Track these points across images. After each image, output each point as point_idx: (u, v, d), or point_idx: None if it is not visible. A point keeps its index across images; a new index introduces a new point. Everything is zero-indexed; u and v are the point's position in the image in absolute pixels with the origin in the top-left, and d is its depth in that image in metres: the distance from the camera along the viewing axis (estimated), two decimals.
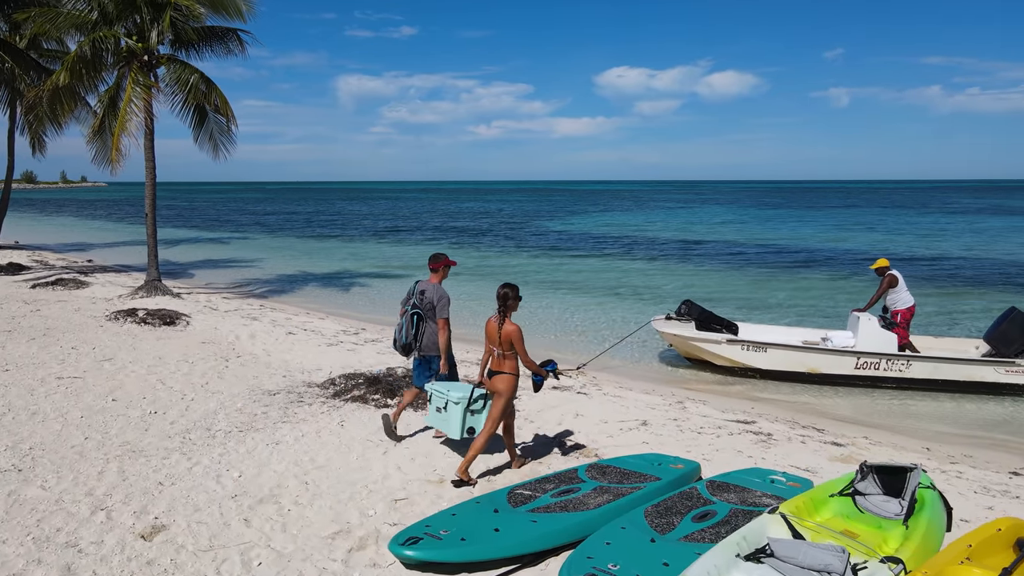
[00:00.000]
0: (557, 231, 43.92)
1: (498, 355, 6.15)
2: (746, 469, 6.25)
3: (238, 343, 12.00)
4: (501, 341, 6.08)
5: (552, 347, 13.69)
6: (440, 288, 7.08)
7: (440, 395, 6.55)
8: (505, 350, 6.11)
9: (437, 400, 6.59)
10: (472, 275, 24.02)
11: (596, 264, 27.06)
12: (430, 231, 43.98)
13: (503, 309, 6.08)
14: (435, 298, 6.98)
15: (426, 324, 7.06)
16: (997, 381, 10.35)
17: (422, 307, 7.04)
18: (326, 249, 33.73)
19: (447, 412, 6.44)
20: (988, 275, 23.03)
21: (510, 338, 6.02)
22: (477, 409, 6.38)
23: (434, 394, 6.64)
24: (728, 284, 21.60)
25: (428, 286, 7.09)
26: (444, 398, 6.49)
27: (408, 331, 7.07)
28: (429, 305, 7.01)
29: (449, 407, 6.41)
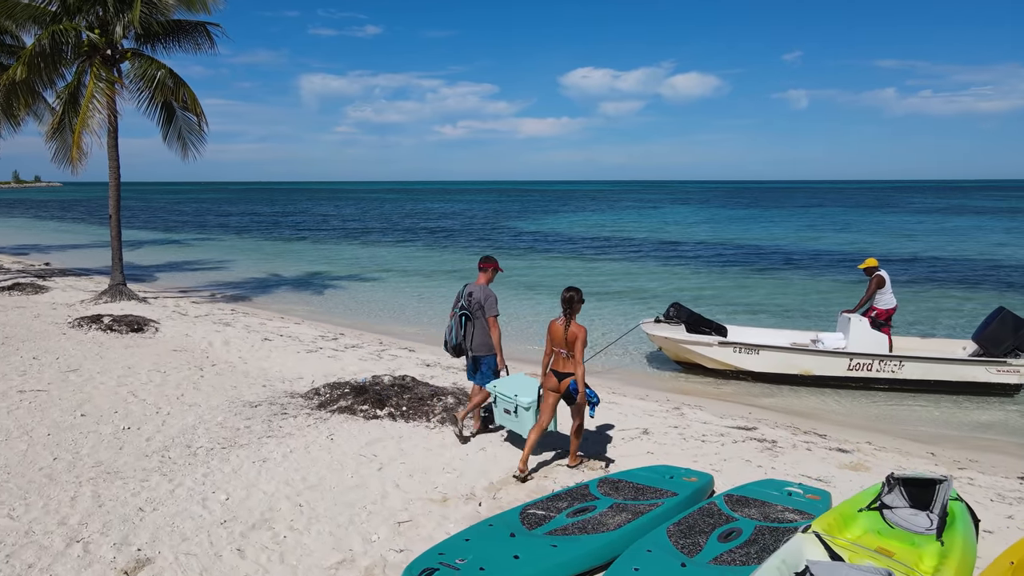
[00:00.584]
0: (531, 232, 43.66)
1: (564, 355, 6.26)
2: (761, 481, 6.01)
3: (212, 350, 11.46)
4: (568, 342, 6.20)
5: (539, 353, 13.40)
6: (487, 288, 7.29)
7: (508, 399, 6.84)
8: (571, 351, 6.22)
9: (505, 403, 6.88)
10: (451, 278, 23.63)
11: (575, 266, 26.84)
12: (401, 232, 43.38)
13: (569, 311, 6.22)
14: (483, 298, 7.22)
15: (474, 325, 7.28)
16: (988, 381, 10.34)
17: (470, 308, 7.26)
18: (296, 251, 32.99)
19: (518, 416, 6.78)
20: (964, 274, 23.36)
21: (575, 338, 6.16)
22: None
23: (499, 397, 6.93)
24: (708, 285, 21.54)
25: (476, 287, 7.30)
26: (513, 403, 6.78)
27: (457, 332, 7.33)
28: (477, 305, 7.23)
29: (519, 411, 6.74)
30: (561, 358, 6.30)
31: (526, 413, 6.68)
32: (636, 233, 42.31)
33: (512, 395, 6.80)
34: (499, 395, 6.94)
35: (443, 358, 11.72)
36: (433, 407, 8.32)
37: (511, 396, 6.81)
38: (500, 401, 6.95)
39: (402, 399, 8.50)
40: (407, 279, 23.14)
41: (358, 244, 36.07)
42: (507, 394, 6.86)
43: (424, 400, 8.52)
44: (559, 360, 6.32)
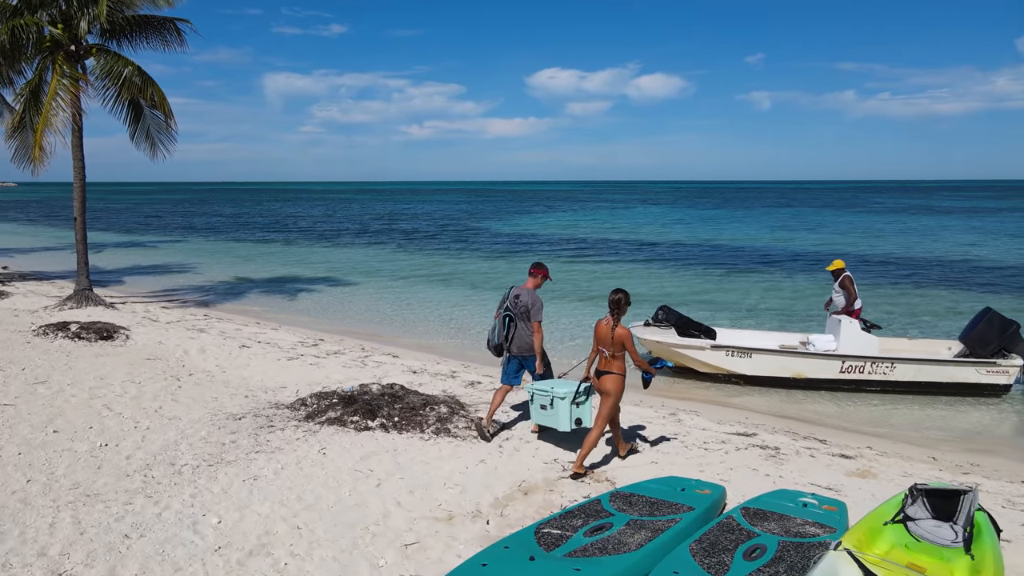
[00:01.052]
0: (508, 233, 43.38)
1: (607, 356, 6.45)
2: (774, 492, 5.85)
3: (188, 359, 11.00)
4: (613, 342, 6.38)
5: None
6: (535, 294, 7.52)
7: (544, 393, 7.06)
8: (616, 351, 6.41)
9: (541, 398, 7.10)
10: (429, 281, 23.27)
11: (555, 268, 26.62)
12: (374, 234, 42.77)
13: (616, 312, 6.46)
14: (530, 303, 7.44)
15: (517, 327, 7.51)
16: (978, 382, 10.37)
17: (515, 311, 7.51)
18: (266, 253, 32.29)
19: (554, 408, 6.99)
20: (938, 274, 23.69)
21: (622, 340, 6.36)
22: (582, 402, 6.98)
23: (536, 393, 7.17)
24: (688, 286, 21.52)
25: (523, 291, 7.54)
26: (549, 395, 7.00)
27: (500, 332, 7.60)
28: (523, 309, 7.46)
29: (556, 403, 6.95)
30: (603, 358, 6.52)
31: (561, 403, 6.93)
32: (612, 234, 42.29)
33: (548, 388, 7.09)
34: (536, 391, 7.20)
35: (430, 365, 11.42)
36: (426, 417, 8.03)
37: (547, 389, 7.08)
38: (537, 397, 7.19)
39: (393, 409, 8.19)
40: (384, 282, 22.73)
41: (330, 246, 35.47)
42: (543, 388, 7.15)
43: (416, 410, 8.22)
44: (603, 359, 6.54)
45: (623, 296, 6.48)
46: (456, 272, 25.15)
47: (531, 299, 7.45)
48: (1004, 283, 21.58)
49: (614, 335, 6.36)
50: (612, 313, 6.47)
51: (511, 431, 7.86)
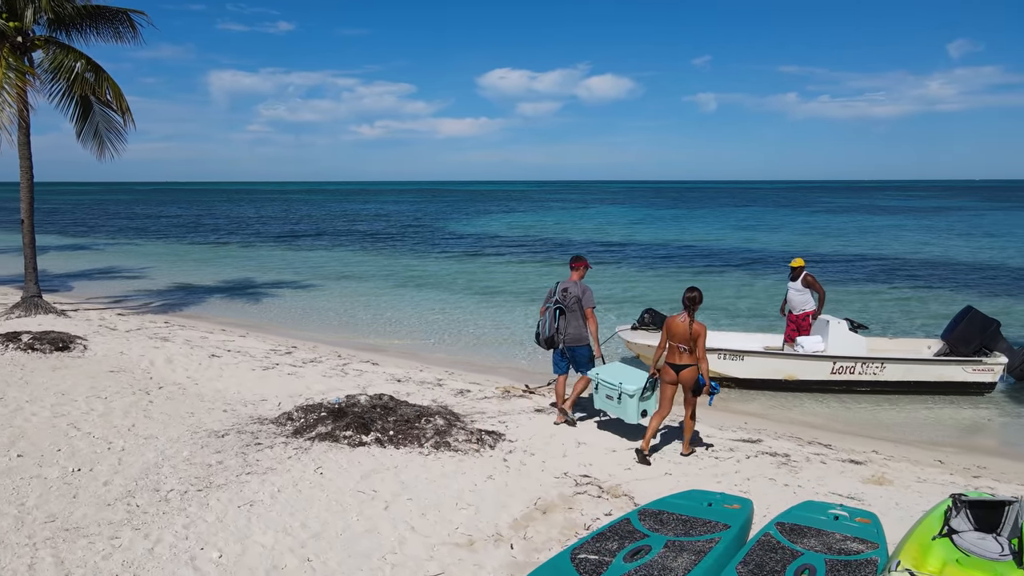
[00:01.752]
0: (473, 233, 42.88)
1: (683, 350, 6.95)
2: (802, 505, 5.63)
3: (155, 370, 10.34)
4: (691, 337, 6.87)
5: (509, 362, 12.83)
6: (583, 284, 7.98)
7: (612, 386, 7.50)
8: (691, 346, 6.90)
9: (608, 390, 7.56)
10: (396, 283, 22.72)
11: (527, 269, 26.29)
12: (334, 236, 41.78)
13: (692, 309, 6.92)
14: (580, 292, 7.89)
15: (568, 318, 7.90)
16: (965, 380, 10.45)
17: (565, 303, 7.91)
18: (223, 256, 31.20)
19: (621, 402, 7.43)
20: (905, 272, 24.14)
21: (698, 334, 6.86)
22: (648, 396, 7.47)
23: (602, 384, 7.62)
24: (660, 286, 21.44)
25: (570, 284, 7.99)
26: (617, 389, 7.44)
27: (551, 324, 7.94)
28: (574, 300, 7.88)
29: (623, 399, 7.40)
30: (678, 352, 6.99)
31: (630, 400, 7.36)
32: (577, 235, 42.19)
33: (617, 383, 7.49)
34: (602, 382, 7.61)
35: (414, 373, 10.99)
36: (423, 430, 7.63)
37: (615, 383, 7.49)
38: (603, 387, 7.62)
39: (387, 422, 7.76)
40: (351, 285, 22.10)
41: (291, 249, 34.48)
42: (611, 381, 7.54)
43: (411, 422, 7.81)
44: (675, 353, 7.01)
45: (698, 294, 6.97)
46: (425, 274, 24.65)
47: (580, 289, 7.92)
48: (965, 280, 22.11)
49: (692, 330, 6.86)
50: (688, 310, 6.95)
51: (512, 443, 7.52)
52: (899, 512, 5.85)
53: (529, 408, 8.95)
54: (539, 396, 9.80)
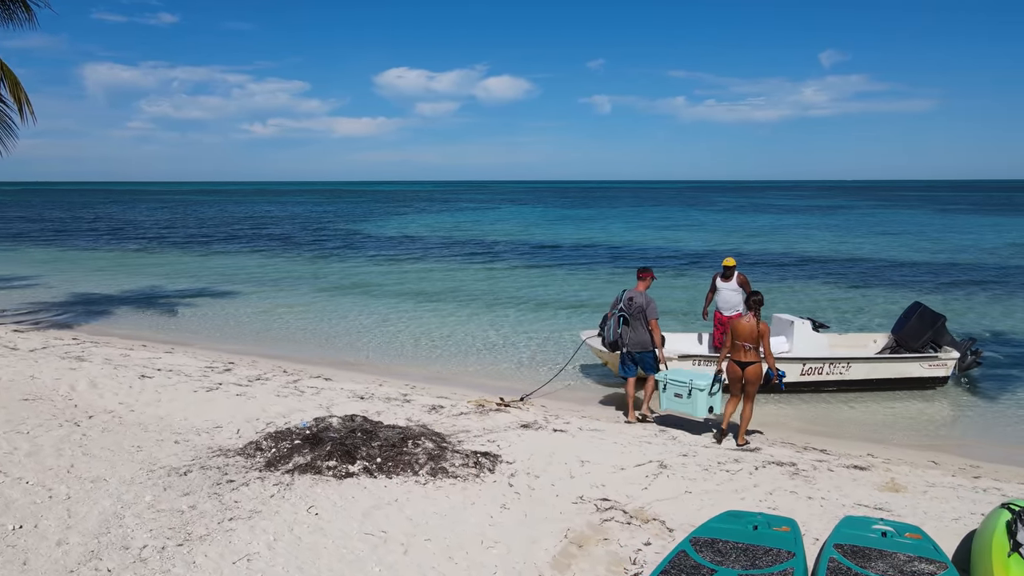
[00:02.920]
0: (392, 235, 41.51)
1: (749, 348, 7.75)
2: (846, 521, 5.37)
3: (78, 396, 9.11)
4: (759, 336, 7.71)
5: (468, 372, 12.22)
6: (646, 295, 8.68)
7: (681, 384, 8.14)
8: (756, 345, 7.73)
9: (676, 388, 8.18)
10: (326, 290, 21.53)
11: (461, 273, 25.57)
12: (244, 240, 39.42)
13: (757, 311, 7.81)
14: (644, 303, 8.60)
15: (632, 326, 8.59)
16: (921, 376, 10.73)
17: (630, 311, 8.61)
18: (121, 263, 28.75)
19: (691, 398, 8.05)
20: (825, 270, 25.11)
21: (764, 334, 7.71)
22: (715, 392, 8.12)
23: (669, 383, 8.25)
24: (599, 288, 21.30)
25: (636, 293, 8.69)
26: (687, 386, 8.09)
27: (615, 330, 8.68)
28: (638, 309, 8.59)
29: (693, 393, 8.02)
30: (743, 350, 7.79)
31: (700, 395, 8.01)
32: (500, 236, 41.57)
33: (687, 380, 8.12)
34: (670, 381, 8.24)
35: (374, 388, 10.22)
36: (414, 455, 6.95)
37: (685, 381, 8.12)
38: (671, 386, 8.23)
39: (372, 448, 7.04)
40: (272, 294, 20.74)
41: (197, 254, 32.24)
42: (680, 379, 8.17)
43: (398, 447, 7.12)
44: (741, 351, 7.81)
45: (761, 297, 7.94)
46: (353, 279, 23.51)
47: (645, 300, 8.61)
48: (885, 276, 23.20)
49: (759, 330, 7.68)
50: (754, 311, 7.78)
51: (511, 464, 6.97)
52: (933, 523, 5.73)
53: (514, 423, 8.42)
54: (516, 409, 9.29)
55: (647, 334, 8.64)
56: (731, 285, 10.76)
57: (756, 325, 7.70)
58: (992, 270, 24.90)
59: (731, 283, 10.77)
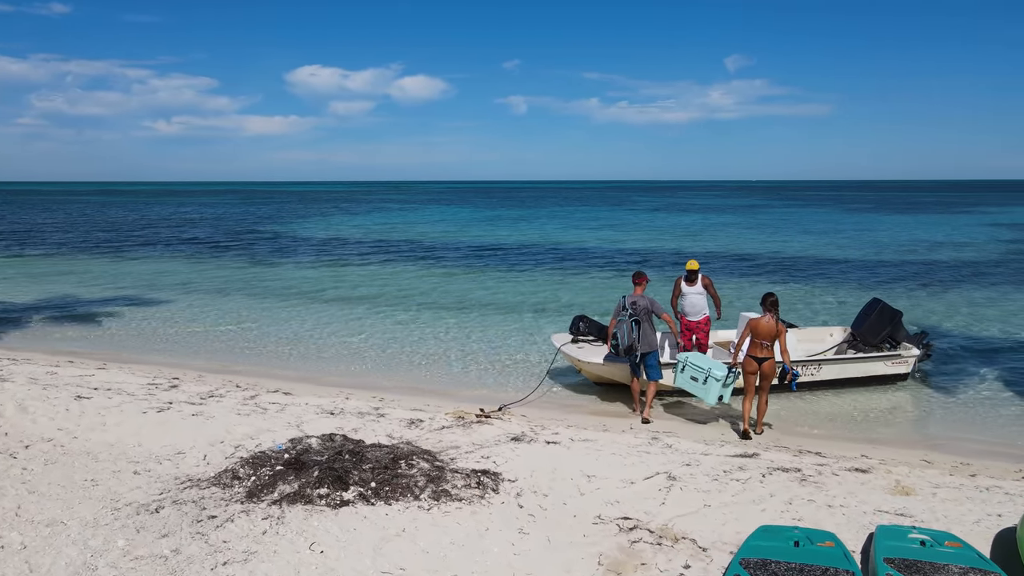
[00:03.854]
0: (320, 237, 39.88)
1: (765, 345, 8.42)
2: (884, 532, 5.25)
3: (6, 423, 8.12)
4: (777, 335, 8.37)
5: (433, 380, 11.68)
6: (647, 296, 9.21)
7: (700, 369, 8.69)
8: (773, 342, 8.41)
9: (694, 372, 8.74)
10: (262, 296, 20.39)
11: (401, 275, 24.76)
12: (162, 244, 36.92)
13: (775, 311, 8.42)
14: (648, 304, 9.10)
15: (643, 328, 9.00)
16: (885, 373, 10.94)
17: (638, 314, 9.00)
18: (23, 270, 26.41)
19: (706, 384, 8.62)
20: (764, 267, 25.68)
21: (781, 333, 8.37)
22: (729, 383, 8.65)
23: (688, 366, 8.82)
24: (546, 289, 21.05)
25: (638, 297, 9.15)
26: (705, 373, 8.63)
27: (630, 335, 8.98)
28: (645, 311, 9.05)
29: (709, 381, 8.59)
30: (761, 346, 8.43)
31: (715, 384, 8.58)
32: (433, 237, 40.74)
33: (706, 367, 8.65)
34: (690, 364, 8.82)
35: (341, 402, 9.58)
36: (412, 478, 6.44)
37: (704, 367, 8.66)
38: (689, 369, 8.80)
39: (363, 471, 6.48)
40: (203, 301, 19.48)
41: (111, 259, 29.94)
42: (700, 365, 8.73)
43: (390, 468, 6.59)
44: (758, 348, 8.44)
45: (776, 298, 8.49)
46: (289, 284, 22.38)
47: (648, 301, 9.12)
48: (822, 272, 23.93)
49: (778, 329, 8.33)
50: (772, 312, 8.38)
51: (514, 483, 6.55)
52: (957, 527, 5.68)
53: (503, 437, 8.00)
54: (498, 420, 8.86)
55: (654, 335, 9.16)
56: (696, 289, 10.52)
57: (776, 325, 8.34)
58: (917, 265, 26.15)
59: (696, 287, 10.53)
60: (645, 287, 9.40)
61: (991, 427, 9.36)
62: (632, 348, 8.98)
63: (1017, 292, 20.18)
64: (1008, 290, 20.51)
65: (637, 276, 9.49)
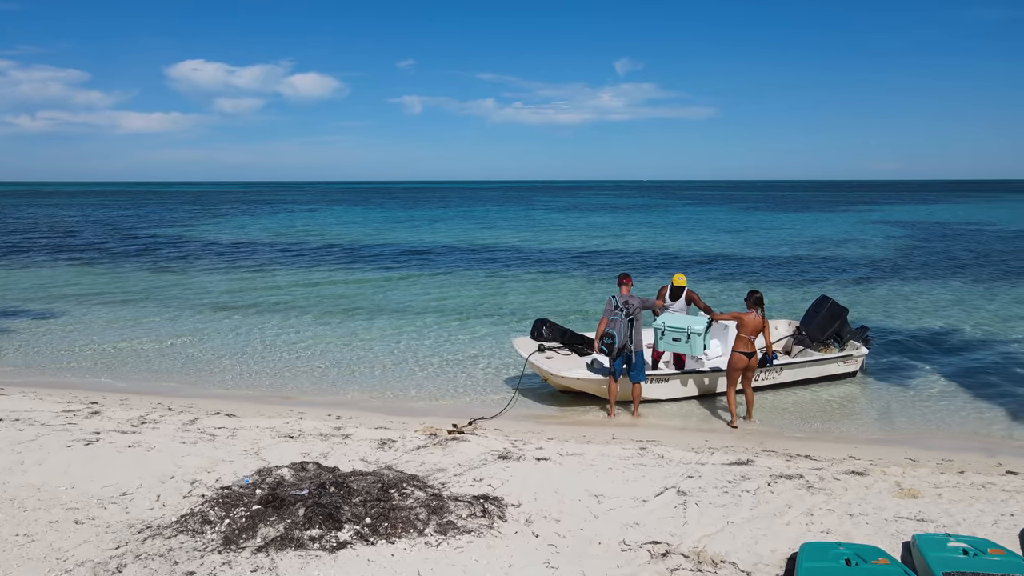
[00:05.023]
0: (226, 242, 37.10)
1: (751, 340, 8.84)
2: (926, 542, 5.06)
3: None
4: (761, 331, 8.94)
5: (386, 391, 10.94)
6: (634, 295, 9.29)
7: (680, 329, 9.18)
8: (757, 337, 8.94)
9: (675, 333, 9.21)
10: (174, 305, 18.78)
11: (322, 280, 23.52)
12: (44, 250, 33.47)
13: (760, 306, 8.89)
14: (639, 301, 9.18)
15: (635, 326, 9.10)
16: (837, 372, 11.14)
17: (632, 312, 9.06)
18: None
19: (690, 340, 9.13)
20: (680, 264, 26.04)
21: (765, 327, 8.98)
22: (708, 332, 9.28)
23: (668, 330, 9.26)
24: (485, 291, 20.50)
25: (627, 296, 9.19)
26: (686, 332, 9.14)
27: (626, 333, 9.02)
28: (635, 309, 9.10)
29: (692, 337, 9.12)
30: (748, 341, 8.83)
31: (698, 338, 9.07)
32: (347, 238, 39.21)
33: (684, 325, 9.17)
34: (668, 328, 9.22)
35: (296, 423, 8.74)
36: (410, 509, 5.80)
37: (683, 327, 9.17)
38: (669, 332, 9.23)
39: (353, 505, 5.79)
40: (101, 313, 17.60)
41: None
42: (679, 325, 9.19)
43: (383, 500, 5.93)
44: (744, 343, 8.84)
45: (761, 295, 8.99)
46: (195, 294, 20.67)
47: (638, 299, 9.19)
48: (738, 269, 24.57)
49: (764, 324, 8.89)
50: (757, 306, 8.86)
51: (519, 508, 6.04)
52: (982, 531, 5.63)
53: (487, 455, 7.44)
54: (473, 435, 8.29)
55: (641, 335, 9.25)
56: (679, 305, 10.20)
57: (762, 320, 8.88)
58: (831, 261, 27.42)
59: (679, 303, 10.21)
60: (631, 286, 9.47)
61: (951, 418, 9.64)
62: (625, 347, 9.02)
63: (933, 285, 21.38)
64: (926, 283, 21.72)
65: (624, 277, 9.53)
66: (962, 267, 25.70)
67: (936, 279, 22.85)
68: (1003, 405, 10.15)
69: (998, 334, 14.78)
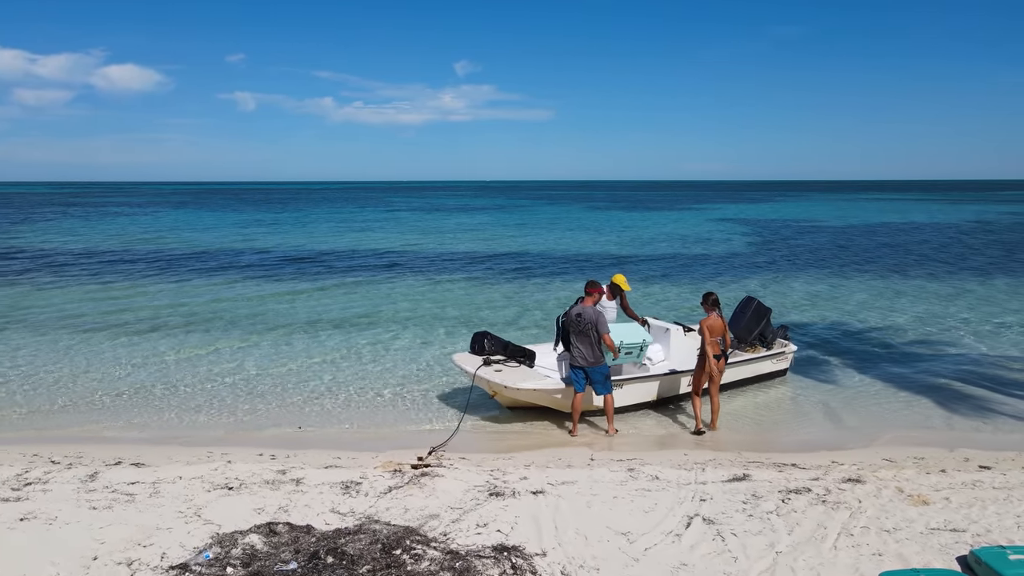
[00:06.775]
0: (72, 250, 32.16)
1: (718, 342, 8.85)
2: (989, 556, 4.91)
3: None
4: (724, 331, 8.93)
5: (322, 424, 9.70)
6: (595, 309, 8.77)
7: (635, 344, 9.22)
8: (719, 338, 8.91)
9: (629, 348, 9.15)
10: (26, 325, 15.97)
11: (194, 290, 21.05)
12: None
13: (718, 308, 8.90)
14: (594, 319, 8.63)
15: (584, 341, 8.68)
16: (771, 371, 11.30)
17: (580, 328, 8.65)
18: None
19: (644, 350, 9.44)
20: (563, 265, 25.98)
21: (725, 328, 8.98)
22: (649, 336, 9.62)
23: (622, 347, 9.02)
24: (395, 300, 19.19)
25: (584, 309, 8.71)
26: (639, 344, 9.27)
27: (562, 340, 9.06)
28: (588, 324, 8.62)
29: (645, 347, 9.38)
30: (715, 344, 8.82)
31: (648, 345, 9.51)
32: (216, 245, 35.62)
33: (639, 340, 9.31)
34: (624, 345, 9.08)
35: (236, 470, 7.38)
36: (431, 574, 4.85)
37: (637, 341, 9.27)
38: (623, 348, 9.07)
39: None
40: None
41: None
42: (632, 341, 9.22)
43: (397, 567, 4.97)
44: (714, 346, 8.81)
45: (716, 296, 8.99)
46: (42, 309, 17.84)
47: (594, 315, 8.64)
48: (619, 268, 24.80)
49: (723, 324, 8.89)
50: (716, 309, 8.87)
51: (544, 557, 5.29)
52: (1008, 536, 5.58)
53: (477, 493, 6.58)
54: (440, 467, 7.39)
55: (599, 349, 8.69)
56: (612, 304, 10.13)
57: (724, 321, 8.96)
58: (700, 259, 28.50)
59: (613, 302, 10.16)
60: (598, 299, 9.02)
61: (897, 414, 9.88)
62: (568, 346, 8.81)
63: (808, 278, 22.68)
64: (798, 276, 23.00)
65: (590, 286, 8.95)
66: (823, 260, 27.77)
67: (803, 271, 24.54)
68: (927, 395, 10.64)
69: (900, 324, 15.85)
